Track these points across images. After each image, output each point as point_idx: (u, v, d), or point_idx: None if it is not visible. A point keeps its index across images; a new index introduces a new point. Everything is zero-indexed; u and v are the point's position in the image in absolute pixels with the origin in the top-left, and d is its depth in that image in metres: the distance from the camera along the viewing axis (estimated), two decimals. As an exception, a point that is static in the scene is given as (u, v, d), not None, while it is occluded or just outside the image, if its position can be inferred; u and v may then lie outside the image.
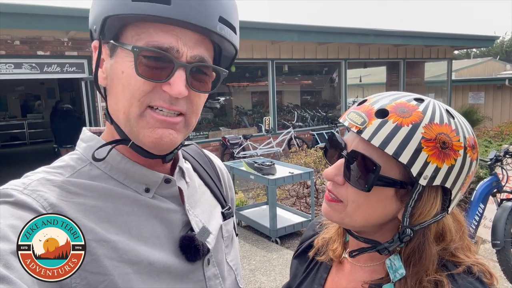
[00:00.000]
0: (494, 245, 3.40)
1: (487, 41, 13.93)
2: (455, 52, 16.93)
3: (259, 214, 5.24)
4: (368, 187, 0.66)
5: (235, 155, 8.29)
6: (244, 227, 5.21)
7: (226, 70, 0.71)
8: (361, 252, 0.73)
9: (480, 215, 3.76)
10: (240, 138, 8.65)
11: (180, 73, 0.63)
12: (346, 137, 0.73)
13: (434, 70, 13.99)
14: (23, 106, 14.81)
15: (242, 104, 11.34)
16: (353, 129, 0.68)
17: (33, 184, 0.63)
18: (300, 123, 10.58)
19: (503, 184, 3.80)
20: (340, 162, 0.71)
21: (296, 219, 5.01)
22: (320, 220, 0.94)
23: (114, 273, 0.61)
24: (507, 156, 3.86)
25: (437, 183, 0.64)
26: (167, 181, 0.73)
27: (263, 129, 9.31)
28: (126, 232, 0.66)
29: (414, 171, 0.63)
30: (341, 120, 0.73)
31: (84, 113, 7.43)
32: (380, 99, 0.69)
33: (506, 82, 13.15)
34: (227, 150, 8.69)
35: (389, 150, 0.63)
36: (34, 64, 6.70)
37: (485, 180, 3.83)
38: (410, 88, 12.06)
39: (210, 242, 0.76)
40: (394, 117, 0.64)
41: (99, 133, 0.76)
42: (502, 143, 6.23)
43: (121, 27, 0.65)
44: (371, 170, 0.65)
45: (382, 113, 0.66)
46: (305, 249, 0.94)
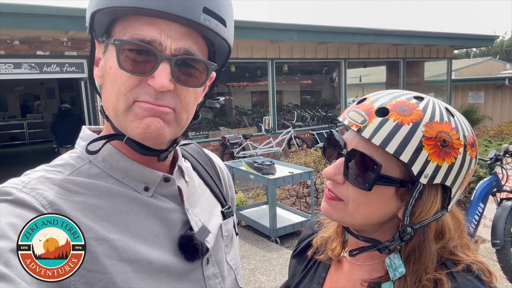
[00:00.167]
0: (494, 245, 3.40)
1: (487, 41, 13.94)
2: (455, 52, 16.93)
3: (259, 214, 5.24)
4: (369, 186, 0.65)
5: (235, 155, 8.29)
6: (244, 227, 5.21)
7: (215, 64, 0.68)
8: (362, 251, 0.72)
9: (480, 215, 3.77)
10: (240, 138, 8.65)
11: (164, 66, 0.62)
12: (346, 136, 0.73)
13: (434, 70, 13.98)
14: (23, 106, 14.79)
15: (242, 104, 11.34)
16: (353, 128, 0.67)
17: (33, 182, 0.63)
18: (300, 123, 10.57)
19: (503, 184, 3.81)
20: (340, 161, 0.71)
21: (296, 219, 5.00)
22: (319, 219, 0.93)
23: (113, 272, 0.61)
24: (507, 156, 3.87)
25: (438, 182, 0.64)
26: (166, 180, 0.73)
27: (263, 129, 9.32)
28: (125, 231, 0.66)
29: (415, 170, 0.62)
30: (341, 119, 0.73)
31: (84, 113, 7.43)
32: (380, 98, 0.69)
33: (506, 82, 13.15)
34: (227, 150, 8.70)
35: (390, 149, 0.63)
36: (34, 64, 6.69)
37: (485, 180, 3.84)
38: (410, 88, 12.02)
39: (209, 242, 0.76)
40: (395, 116, 0.64)
41: (99, 132, 0.76)
42: (502, 143, 6.23)
43: (110, 23, 0.65)
44: (372, 169, 0.65)
45: (382, 112, 0.65)
46: (304, 248, 0.94)
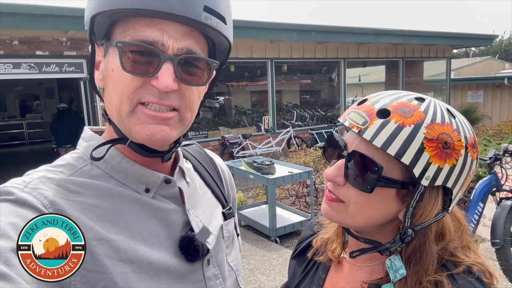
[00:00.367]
0: (494, 244, 3.40)
1: (486, 40, 13.95)
2: (454, 51, 16.92)
3: (259, 214, 5.24)
4: (370, 188, 0.65)
5: (235, 155, 8.29)
6: (244, 227, 5.21)
7: (217, 61, 0.69)
8: (362, 253, 0.72)
9: (480, 214, 3.77)
10: (240, 138, 8.64)
11: (168, 66, 0.62)
12: (346, 137, 0.72)
13: (433, 69, 13.98)
14: (22, 106, 14.79)
15: (241, 104, 11.33)
16: (354, 129, 0.67)
17: (34, 182, 0.63)
18: (300, 123, 10.58)
19: (502, 183, 3.81)
20: (341, 163, 0.70)
21: (296, 219, 5.00)
22: (319, 220, 0.93)
23: (113, 272, 0.61)
24: (506, 155, 3.87)
25: (439, 183, 0.63)
26: (167, 182, 0.73)
27: (263, 129, 9.31)
28: (126, 232, 0.66)
29: (417, 172, 0.62)
30: (341, 120, 0.72)
31: (83, 113, 7.43)
32: (381, 99, 0.69)
33: (505, 81, 13.15)
34: (227, 150, 8.69)
35: (392, 151, 0.62)
36: (33, 64, 6.68)
37: (484, 179, 3.84)
38: (409, 87, 12.05)
39: (210, 243, 0.76)
40: (396, 117, 0.64)
41: (101, 132, 0.76)
42: (501, 142, 6.23)
43: (110, 26, 0.65)
44: (373, 171, 0.65)
45: (384, 113, 0.65)
46: (303, 249, 0.93)
